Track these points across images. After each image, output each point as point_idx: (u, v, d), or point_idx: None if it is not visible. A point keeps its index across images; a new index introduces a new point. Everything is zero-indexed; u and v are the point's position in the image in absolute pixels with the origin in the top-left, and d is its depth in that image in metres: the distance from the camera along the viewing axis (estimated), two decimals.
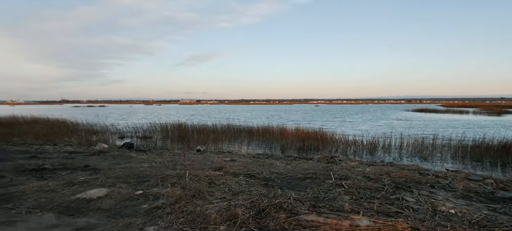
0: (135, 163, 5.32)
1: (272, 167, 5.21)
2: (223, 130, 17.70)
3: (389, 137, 13.21)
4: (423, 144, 11.92)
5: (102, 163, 5.24)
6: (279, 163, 5.76)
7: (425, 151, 11.41)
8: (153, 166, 5.06)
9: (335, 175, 4.35)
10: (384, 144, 12.39)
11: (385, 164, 5.71)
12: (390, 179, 3.97)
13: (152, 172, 4.52)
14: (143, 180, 4.01)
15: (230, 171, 4.50)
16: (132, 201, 3.18)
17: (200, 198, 3.12)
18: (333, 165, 5.52)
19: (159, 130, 18.80)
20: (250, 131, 16.70)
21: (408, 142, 12.34)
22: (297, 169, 5.00)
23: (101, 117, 37.96)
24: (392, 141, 12.55)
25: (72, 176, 4.22)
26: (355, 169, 4.94)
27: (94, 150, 6.75)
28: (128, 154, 6.15)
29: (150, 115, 45.22)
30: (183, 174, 4.01)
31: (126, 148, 6.96)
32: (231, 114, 49.05)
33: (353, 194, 3.28)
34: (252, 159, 6.07)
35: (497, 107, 50.10)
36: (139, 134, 17.49)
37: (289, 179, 4.18)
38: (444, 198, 3.14)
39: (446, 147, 11.78)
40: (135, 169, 4.74)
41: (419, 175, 4.33)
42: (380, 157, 10.85)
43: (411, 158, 10.71)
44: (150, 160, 5.61)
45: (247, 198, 3.05)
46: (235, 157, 6.14)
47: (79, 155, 6.10)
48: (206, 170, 4.58)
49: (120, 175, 4.30)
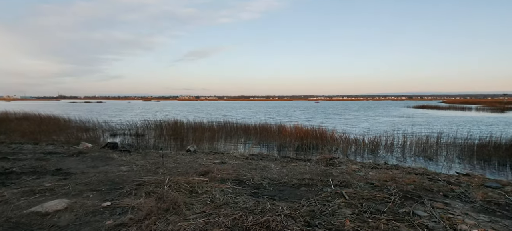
0: (114, 165, 4.86)
1: (265, 170, 4.76)
2: (219, 128, 17.28)
3: (391, 135, 12.77)
4: (427, 142, 11.50)
5: (77, 166, 4.79)
6: (274, 165, 5.31)
7: (430, 150, 10.99)
8: (133, 169, 4.61)
9: (335, 181, 3.89)
10: (386, 142, 11.96)
11: (389, 166, 5.26)
12: (396, 186, 3.52)
13: (130, 177, 4.07)
14: (116, 187, 3.56)
15: (217, 176, 4.05)
16: (96, 215, 2.72)
17: (175, 213, 2.66)
18: (333, 168, 5.07)
19: (153, 128, 18.36)
20: (247, 129, 16.26)
21: (412, 140, 11.91)
22: (293, 173, 4.55)
23: (95, 113, 37.46)
24: (395, 140, 12.12)
25: (38, 182, 3.76)
26: (357, 173, 4.49)
27: (74, 150, 6.30)
28: (109, 155, 5.70)
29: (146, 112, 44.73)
30: (163, 180, 3.56)
31: (109, 148, 6.51)
32: (229, 111, 48.59)
33: (355, 206, 2.83)
34: (244, 161, 5.62)
35: (499, 104, 49.70)
36: (132, 132, 17.03)
37: (283, 186, 3.73)
38: (462, 212, 2.69)
39: (451, 146, 11.36)
40: (112, 173, 4.28)
41: (428, 181, 3.88)
42: (382, 156, 10.42)
43: (415, 157, 10.28)
44: (131, 162, 5.16)
45: (230, 213, 2.60)
46: (225, 159, 5.68)
47: (56, 155, 5.64)
48: (191, 175, 4.13)
49: (93, 180, 3.84)
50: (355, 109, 51.04)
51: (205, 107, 69.24)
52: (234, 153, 6.68)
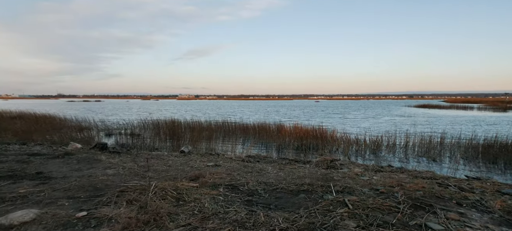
0: (99, 168, 4.56)
1: (262, 174, 4.46)
2: (217, 127, 16.98)
3: (393, 135, 12.48)
4: (431, 143, 11.21)
5: (60, 169, 4.49)
6: (271, 168, 5.01)
7: (433, 151, 10.70)
8: (120, 173, 4.30)
9: (336, 186, 3.59)
10: (388, 143, 11.67)
11: (394, 170, 4.96)
12: (404, 193, 3.22)
13: (115, 181, 3.77)
14: (97, 194, 3.26)
15: (209, 181, 3.75)
16: (67, 228, 2.42)
17: (156, 226, 2.36)
18: (334, 171, 4.77)
19: (151, 127, 18.06)
20: (246, 129, 15.96)
21: (414, 141, 11.62)
22: (291, 177, 4.25)
23: (92, 112, 37.13)
24: (397, 140, 11.82)
25: (12, 187, 3.45)
26: (360, 177, 4.19)
27: (61, 151, 5.99)
28: (97, 157, 5.39)
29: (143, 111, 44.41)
30: (149, 186, 3.25)
31: (98, 149, 6.20)
32: (228, 110, 48.26)
33: (360, 217, 2.53)
34: (240, 164, 5.32)
35: (501, 103, 49.41)
36: (128, 131, 16.73)
37: (280, 192, 3.43)
38: (482, 226, 2.39)
39: (455, 146, 11.07)
40: (95, 177, 3.98)
41: (438, 187, 3.58)
42: (385, 157, 10.13)
43: (418, 158, 9.99)
44: (119, 165, 4.85)
45: (218, 227, 2.29)
46: (220, 161, 5.38)
47: (40, 157, 5.34)
48: (180, 179, 3.82)
49: (73, 186, 3.54)
50: (355, 108, 50.77)
51: (204, 107, 68.92)
52: (231, 154, 6.38)
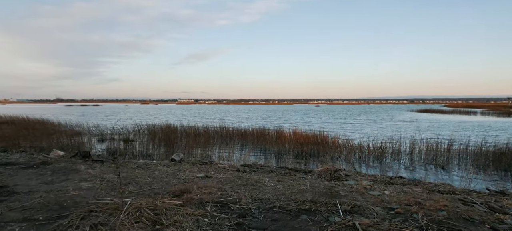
0: (74, 181, 4.06)
1: (258, 187, 3.96)
2: (215, 133, 16.48)
3: (398, 141, 11.98)
4: (437, 149, 10.70)
5: (29, 182, 3.99)
6: (269, 179, 4.51)
7: (440, 158, 10.18)
8: (96, 186, 3.80)
9: (344, 204, 3.09)
10: (393, 149, 11.16)
11: (406, 182, 4.46)
12: (425, 214, 2.72)
13: (86, 197, 3.27)
14: (60, 214, 2.76)
15: (195, 198, 3.25)
16: None
17: None
18: (339, 184, 4.27)
19: (146, 132, 17.58)
20: (244, 134, 15.46)
21: (420, 147, 11.11)
22: (291, 191, 3.76)
23: (87, 117, 36.66)
24: (402, 146, 11.33)
25: None
26: (370, 192, 3.69)
27: (38, 160, 5.49)
28: (75, 167, 4.89)
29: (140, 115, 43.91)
30: (122, 204, 2.75)
31: (79, 157, 5.71)
32: (226, 114, 47.77)
33: None
34: (234, 174, 4.82)
35: (504, 107, 48.98)
36: (122, 136, 16.22)
37: (277, 212, 2.93)
38: None
39: (464, 153, 10.56)
40: (66, 192, 3.48)
41: (463, 205, 3.09)
42: (390, 165, 9.63)
43: (425, 166, 9.49)
44: (98, 176, 4.35)
45: None
46: (211, 171, 4.88)
47: (12, 167, 4.84)
48: (162, 196, 3.32)
49: (35, 203, 3.04)
50: (356, 113, 50.33)
51: (203, 111, 68.41)
52: (224, 163, 5.87)
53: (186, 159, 10.12)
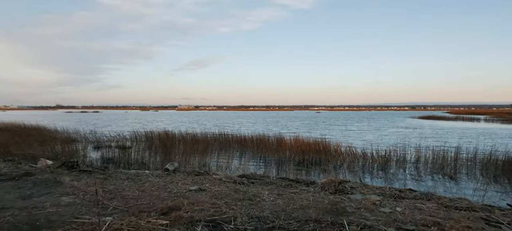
0: (55, 195, 3.72)
1: (255, 202, 3.62)
2: (214, 140, 16.14)
3: (402, 149, 11.64)
4: (444, 158, 10.33)
5: (5, 196, 3.66)
6: (268, 192, 4.17)
7: (447, 167, 9.80)
8: (77, 202, 3.47)
9: (352, 224, 2.75)
10: (397, 157, 10.79)
11: (418, 195, 4.10)
12: None
13: (63, 215, 2.94)
14: None
15: (186, 215, 2.91)
16: None
17: None
18: (344, 198, 3.93)
19: (143, 139, 17.26)
20: (244, 141, 15.11)
21: (426, 155, 10.74)
22: (292, 206, 3.42)
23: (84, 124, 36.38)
24: (407, 155, 10.96)
25: None
26: (380, 209, 3.34)
27: (21, 170, 5.16)
28: (60, 178, 4.56)
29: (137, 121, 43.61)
30: (100, 225, 2.41)
31: (66, 167, 5.37)
32: (226, 121, 47.44)
33: None
34: (230, 186, 4.48)
35: (508, 114, 48.58)
36: (118, 143, 15.89)
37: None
38: None
39: (471, 161, 10.19)
40: (42, 208, 3.14)
41: (488, 226, 2.74)
42: (395, 174, 9.25)
43: (432, 175, 9.11)
44: (82, 189, 4.02)
45: None
46: (206, 184, 4.53)
47: None
48: (147, 214, 2.99)
49: (4, 223, 2.71)
50: (358, 119, 49.98)
51: (202, 117, 68.09)
52: (220, 174, 5.51)
53: (183, 167, 9.77)
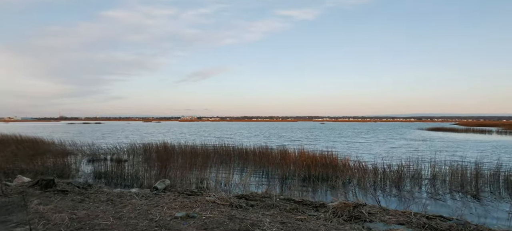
0: (10, 224, 3.10)
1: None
2: (214, 152, 15.50)
3: (416, 163, 10.87)
4: (463, 174, 9.53)
5: None
6: (269, 220, 3.50)
7: (468, 185, 8.98)
8: None
9: None
10: (412, 173, 10.02)
11: (453, 227, 3.39)
12: None
13: None
14: None
15: None
16: None
17: None
18: (363, 229, 3.23)
19: (140, 152, 16.68)
20: (245, 154, 14.42)
21: (443, 171, 9.95)
22: None
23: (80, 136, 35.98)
24: (423, 170, 10.17)
25: None
26: None
27: None
28: (27, 201, 3.93)
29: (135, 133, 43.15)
30: None
31: (40, 186, 4.76)
32: (227, 132, 46.78)
33: None
34: (225, 211, 3.81)
35: None
36: (114, 156, 15.31)
37: None
38: None
39: (493, 178, 9.38)
40: None
41: None
42: (412, 192, 8.47)
43: (452, 193, 8.31)
44: (45, 217, 3.39)
45: None
46: (197, 208, 3.87)
47: None
48: None
49: None
50: (363, 131, 48.99)
51: (204, 128, 67.50)
52: (215, 195, 4.84)
53: (179, 183, 9.12)
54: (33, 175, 10.60)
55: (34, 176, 10.60)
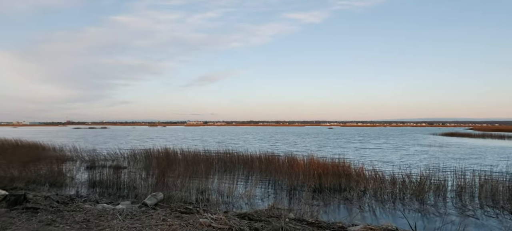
0: None
1: None
2: (217, 159, 14.81)
3: (436, 172, 9.99)
4: (494, 186, 8.58)
5: None
6: None
7: (502, 198, 8.05)
8: None
9: None
10: (434, 184, 9.11)
11: None
12: None
13: None
14: None
15: None
16: None
17: None
18: None
19: (142, 158, 16.12)
20: (250, 161, 13.68)
21: (471, 181, 9.03)
22: None
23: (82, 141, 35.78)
24: (446, 180, 9.26)
25: None
26: None
27: None
28: None
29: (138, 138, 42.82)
30: None
31: (7, 202, 4.13)
32: (232, 137, 46.09)
33: None
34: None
35: None
36: (114, 163, 14.77)
37: None
38: None
39: None
40: None
41: None
42: (437, 205, 7.59)
43: (483, 209, 7.39)
44: None
45: None
46: None
47: None
48: None
49: None
50: (374, 136, 47.71)
51: (208, 133, 67.00)
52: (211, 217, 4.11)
53: (177, 194, 8.43)
54: (25, 183, 10.08)
55: (26, 185, 10.11)
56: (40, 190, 9.61)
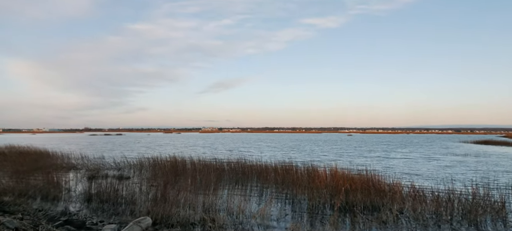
0: None
1: None
2: (229, 169, 13.71)
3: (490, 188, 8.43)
4: None
5: None
6: None
7: None
8: None
9: None
10: (490, 203, 7.56)
11: None
12: None
13: None
14: None
15: None
16: None
17: None
18: None
19: (147, 167, 15.31)
20: (265, 172, 12.47)
21: None
22: None
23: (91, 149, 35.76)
24: (505, 198, 7.68)
25: None
26: None
27: None
28: None
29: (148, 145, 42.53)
30: None
31: None
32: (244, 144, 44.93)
33: None
34: None
35: None
36: (118, 172, 14.03)
37: None
38: None
39: None
40: None
41: None
42: None
43: None
44: None
45: None
46: None
47: None
48: None
49: None
50: (398, 144, 45.18)
51: (221, 140, 66.22)
52: None
53: (178, 213, 7.40)
54: (15, 196, 9.37)
55: (16, 198, 9.38)
56: (29, 204, 8.88)
